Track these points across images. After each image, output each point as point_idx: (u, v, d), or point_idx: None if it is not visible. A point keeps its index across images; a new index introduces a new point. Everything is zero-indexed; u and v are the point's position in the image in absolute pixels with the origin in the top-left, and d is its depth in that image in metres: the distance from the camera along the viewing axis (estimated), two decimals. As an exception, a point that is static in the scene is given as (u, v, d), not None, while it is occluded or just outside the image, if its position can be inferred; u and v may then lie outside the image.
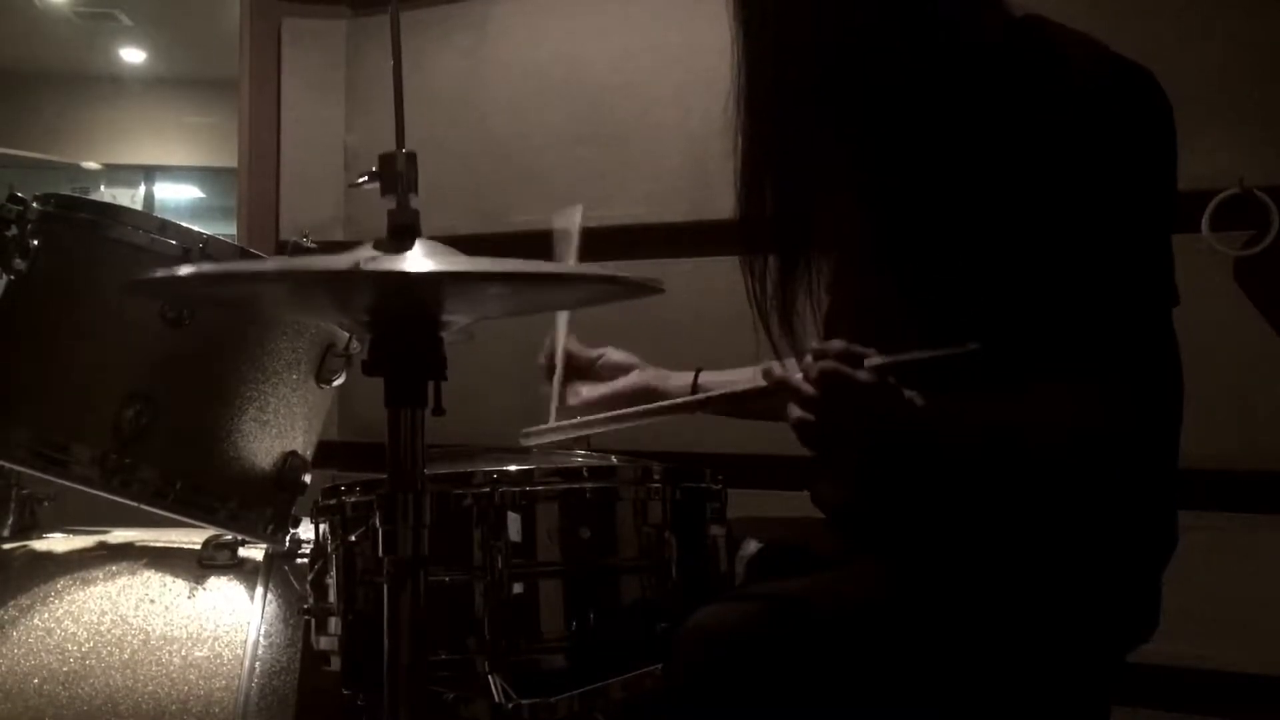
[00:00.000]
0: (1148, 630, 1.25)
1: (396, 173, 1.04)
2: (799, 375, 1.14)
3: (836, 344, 1.13)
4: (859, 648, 1.15)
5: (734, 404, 1.35)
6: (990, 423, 1.16)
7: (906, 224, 1.23)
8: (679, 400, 1.36)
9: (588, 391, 1.57)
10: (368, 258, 0.98)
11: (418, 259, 0.99)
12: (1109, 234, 1.14)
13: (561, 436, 1.38)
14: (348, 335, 1.70)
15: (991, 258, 1.16)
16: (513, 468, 1.26)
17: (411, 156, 1.05)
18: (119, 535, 1.74)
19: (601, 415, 1.39)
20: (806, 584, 1.20)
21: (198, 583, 1.64)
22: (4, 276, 1.59)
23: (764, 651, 1.13)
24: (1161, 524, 1.24)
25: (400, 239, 1.01)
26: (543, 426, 1.34)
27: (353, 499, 1.32)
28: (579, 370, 1.60)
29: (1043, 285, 1.14)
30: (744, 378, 1.38)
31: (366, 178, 1.06)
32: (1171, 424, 1.20)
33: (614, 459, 1.37)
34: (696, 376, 1.57)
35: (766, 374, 1.18)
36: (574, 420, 1.32)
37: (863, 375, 1.11)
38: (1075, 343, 1.14)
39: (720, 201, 1.35)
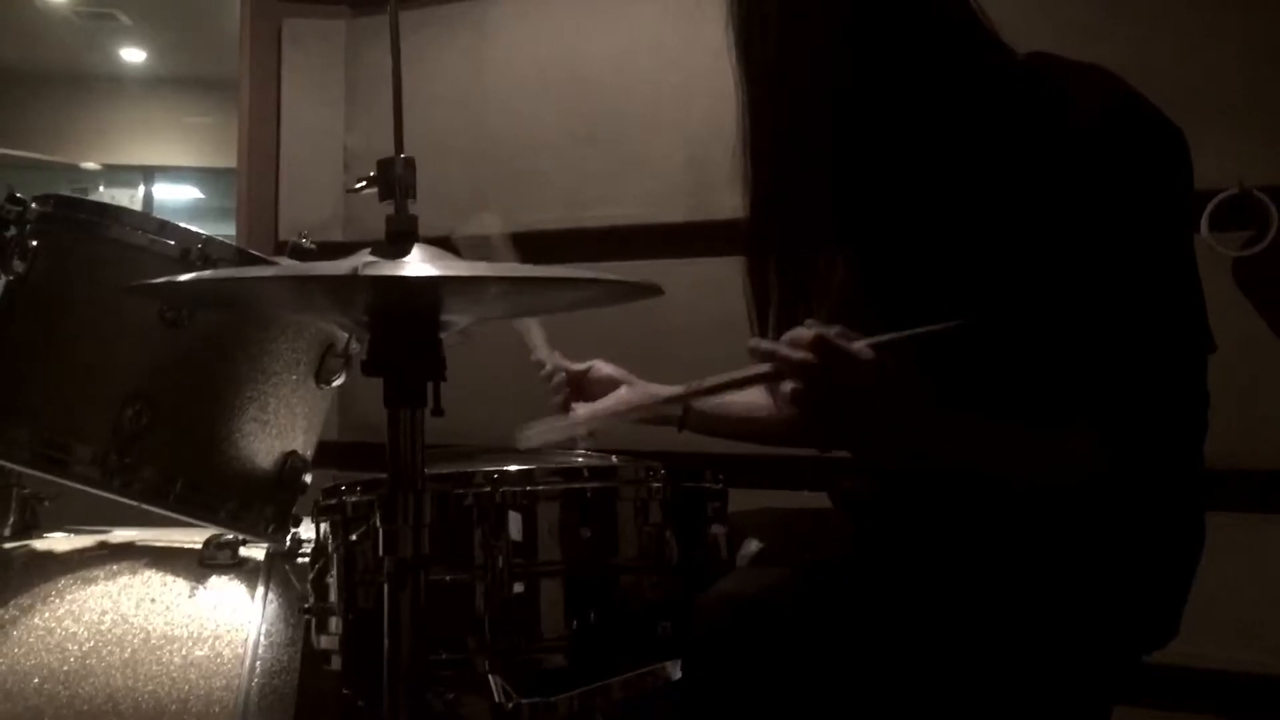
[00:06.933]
0: (1164, 639, 1.24)
1: (395, 178, 1.04)
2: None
3: (833, 328, 1.13)
4: (868, 631, 1.15)
5: (734, 392, 1.34)
6: (997, 444, 1.15)
7: (905, 278, 1.23)
8: (673, 392, 1.34)
9: (582, 410, 1.57)
10: (366, 262, 0.98)
11: (416, 264, 1.00)
12: (1106, 277, 1.12)
13: (558, 435, 1.37)
14: (347, 336, 1.70)
15: (990, 306, 1.14)
16: (513, 467, 1.26)
17: (410, 162, 1.04)
18: (120, 535, 1.74)
19: (597, 407, 1.38)
20: (822, 566, 1.20)
21: (198, 582, 1.63)
22: (3, 277, 1.59)
23: (783, 622, 1.13)
24: (1183, 539, 1.23)
25: (398, 245, 1.01)
26: (538, 422, 1.34)
27: (353, 499, 1.32)
28: (570, 384, 1.61)
29: (1040, 327, 1.13)
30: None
31: (365, 183, 1.06)
32: (1191, 458, 1.19)
33: (614, 459, 1.37)
34: None
35: (754, 348, 1.15)
36: (571, 418, 1.31)
37: (856, 346, 1.10)
38: (1073, 389, 1.13)
39: (720, 201, 1.35)
